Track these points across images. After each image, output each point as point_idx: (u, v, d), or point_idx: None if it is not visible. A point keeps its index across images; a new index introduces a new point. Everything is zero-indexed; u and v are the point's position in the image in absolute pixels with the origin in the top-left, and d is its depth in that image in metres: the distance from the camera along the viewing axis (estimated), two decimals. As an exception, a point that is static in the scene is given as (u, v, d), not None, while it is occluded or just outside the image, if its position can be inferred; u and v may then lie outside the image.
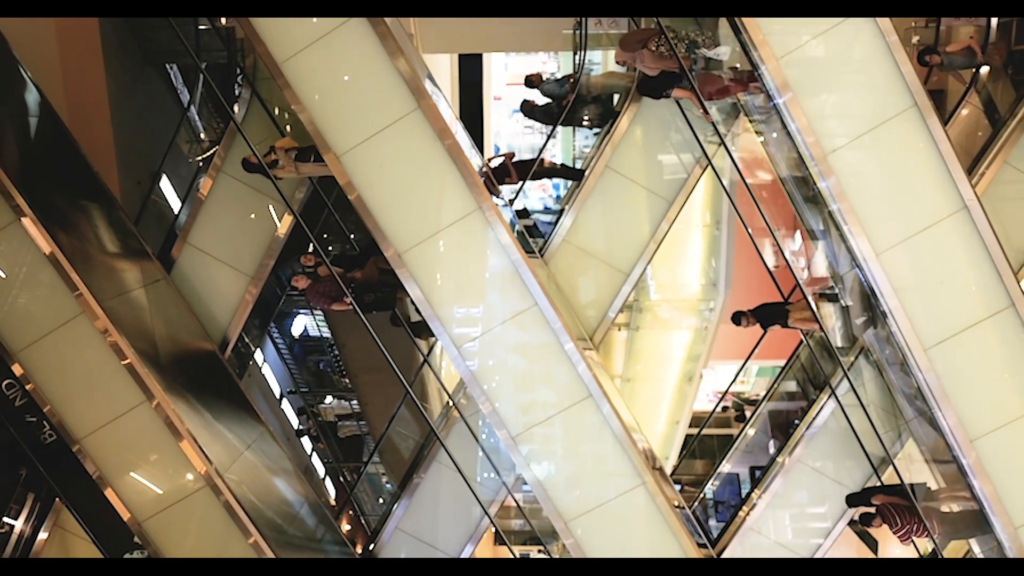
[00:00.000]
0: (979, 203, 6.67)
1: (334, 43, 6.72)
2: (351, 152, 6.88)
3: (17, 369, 6.99)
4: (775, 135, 7.33)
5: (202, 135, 10.80)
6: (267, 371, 13.27)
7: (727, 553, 8.44)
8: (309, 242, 8.56)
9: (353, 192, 6.92)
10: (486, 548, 13.62)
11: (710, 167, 7.89)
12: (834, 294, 8.04)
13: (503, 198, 8.07)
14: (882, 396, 8.08)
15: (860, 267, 6.82)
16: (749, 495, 8.88)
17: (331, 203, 8.19)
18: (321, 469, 13.65)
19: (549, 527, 7.82)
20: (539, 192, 14.23)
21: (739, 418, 13.18)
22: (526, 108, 8.81)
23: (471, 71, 13.44)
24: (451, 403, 8.41)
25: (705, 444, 11.52)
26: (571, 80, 8.26)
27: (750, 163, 7.99)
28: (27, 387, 7.01)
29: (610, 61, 12.43)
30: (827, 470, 8.39)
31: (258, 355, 11.93)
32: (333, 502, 11.91)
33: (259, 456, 8.21)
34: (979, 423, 7.06)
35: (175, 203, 9.58)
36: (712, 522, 9.67)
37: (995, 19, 7.50)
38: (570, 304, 8.17)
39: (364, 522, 9.70)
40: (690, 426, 12.00)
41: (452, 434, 8.41)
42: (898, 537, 7.57)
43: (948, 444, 7.11)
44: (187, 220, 8.13)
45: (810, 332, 8.20)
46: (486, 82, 13.89)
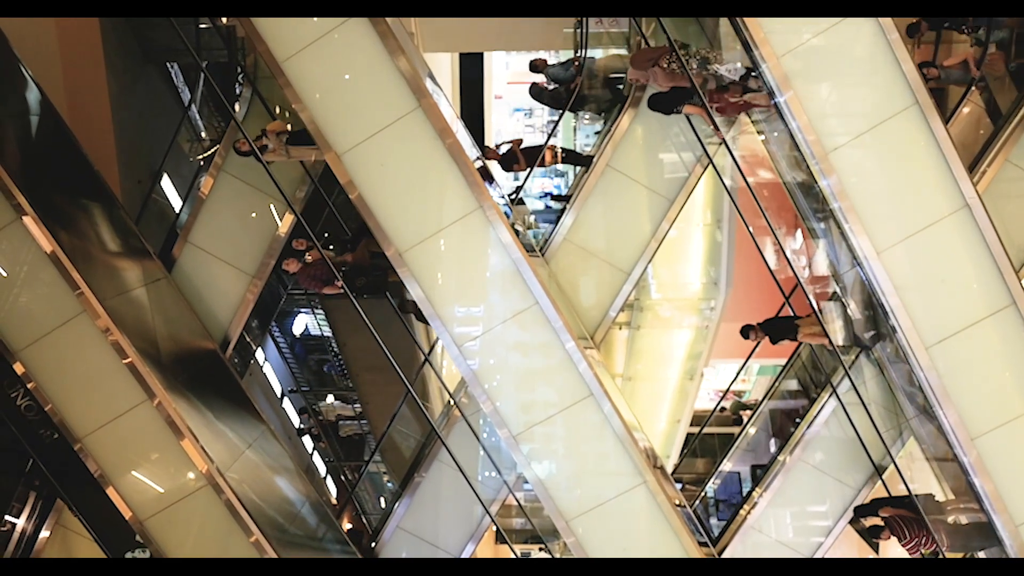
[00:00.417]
0: (980, 201, 6.66)
1: (335, 42, 6.72)
2: (352, 151, 6.88)
3: (19, 368, 6.99)
4: (776, 134, 7.33)
5: (203, 134, 10.81)
6: (268, 370, 13.28)
7: (728, 552, 8.44)
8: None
9: (354, 191, 6.92)
10: (487, 547, 13.63)
11: (711, 166, 7.88)
12: (835, 294, 8.04)
13: (503, 196, 8.07)
14: (883, 395, 8.07)
15: (861, 265, 6.82)
16: (750, 494, 8.88)
17: (332, 202, 8.19)
18: (322, 468, 13.67)
19: (550, 526, 7.82)
20: (539, 189, 14.24)
21: (736, 421, 13.17)
22: (535, 91, 8.77)
23: (472, 70, 13.45)
24: (452, 402, 8.41)
25: (706, 443, 11.52)
26: (576, 63, 8.24)
27: (751, 162, 7.99)
28: (29, 386, 7.01)
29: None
30: (828, 468, 8.38)
31: (259, 354, 11.95)
32: (334, 501, 11.92)
33: (260, 455, 8.22)
34: (980, 421, 7.06)
35: (176, 202, 9.59)
36: (713, 521, 9.67)
37: (994, 32, 7.50)
38: (571, 303, 8.17)
39: (365, 521, 9.71)
40: (691, 425, 12.00)
41: (453, 433, 8.41)
42: (907, 549, 7.54)
43: (949, 442, 7.11)
44: (188, 219, 8.13)
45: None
46: (487, 81, 13.89)
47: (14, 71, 7.43)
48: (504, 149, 8.26)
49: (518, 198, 8.62)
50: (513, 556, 9.79)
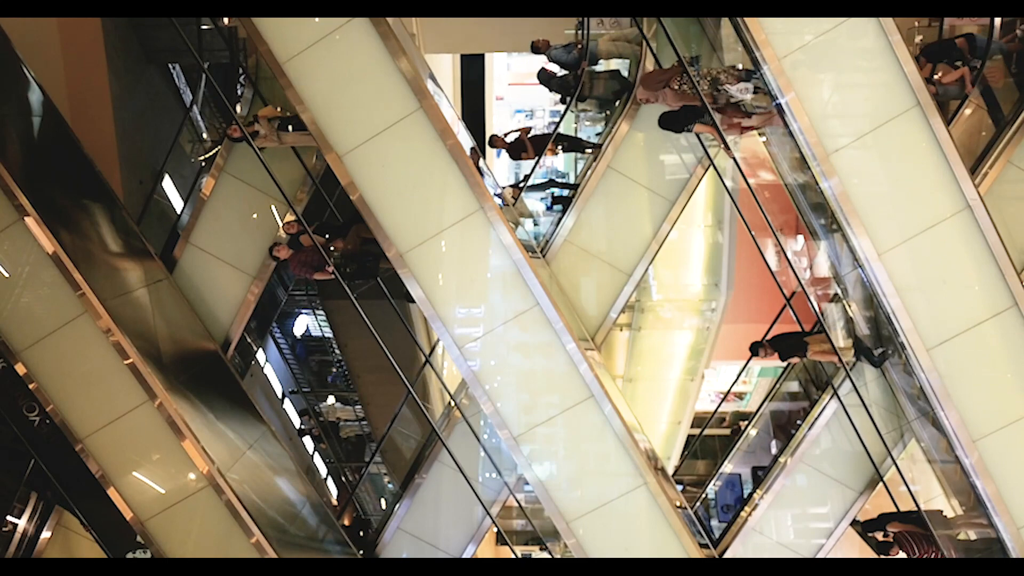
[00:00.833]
0: (982, 203, 6.66)
1: (336, 43, 6.72)
2: (353, 152, 6.89)
3: (20, 368, 7.00)
4: (777, 135, 7.32)
5: (204, 135, 10.82)
6: (269, 371, 13.29)
7: (729, 553, 8.43)
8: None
9: (355, 192, 6.92)
10: (488, 548, 13.63)
11: (712, 167, 7.88)
12: (837, 296, 8.04)
13: (503, 198, 8.06)
14: (884, 396, 8.06)
15: (862, 267, 6.81)
16: (751, 495, 8.87)
17: (333, 203, 8.20)
18: (323, 469, 13.68)
19: (551, 527, 7.82)
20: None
21: (735, 432, 13.09)
22: (543, 77, 8.69)
23: (473, 71, 13.45)
24: (453, 403, 8.41)
25: (707, 444, 11.52)
26: (578, 47, 8.19)
27: (752, 163, 7.98)
28: (30, 386, 7.02)
29: (612, 61, 12.42)
30: (829, 471, 8.37)
31: (260, 355, 11.95)
32: (335, 502, 11.93)
33: (261, 456, 8.22)
34: (982, 423, 7.05)
35: (177, 203, 9.60)
36: (714, 522, 9.65)
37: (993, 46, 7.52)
38: (572, 304, 8.17)
39: (366, 522, 9.71)
40: (692, 426, 11.99)
41: (454, 434, 8.41)
42: None
43: (951, 444, 7.10)
44: (189, 220, 8.14)
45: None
46: (488, 82, 13.90)
47: (16, 72, 7.44)
48: (512, 137, 8.21)
49: (525, 186, 8.60)
50: (514, 557, 9.78)
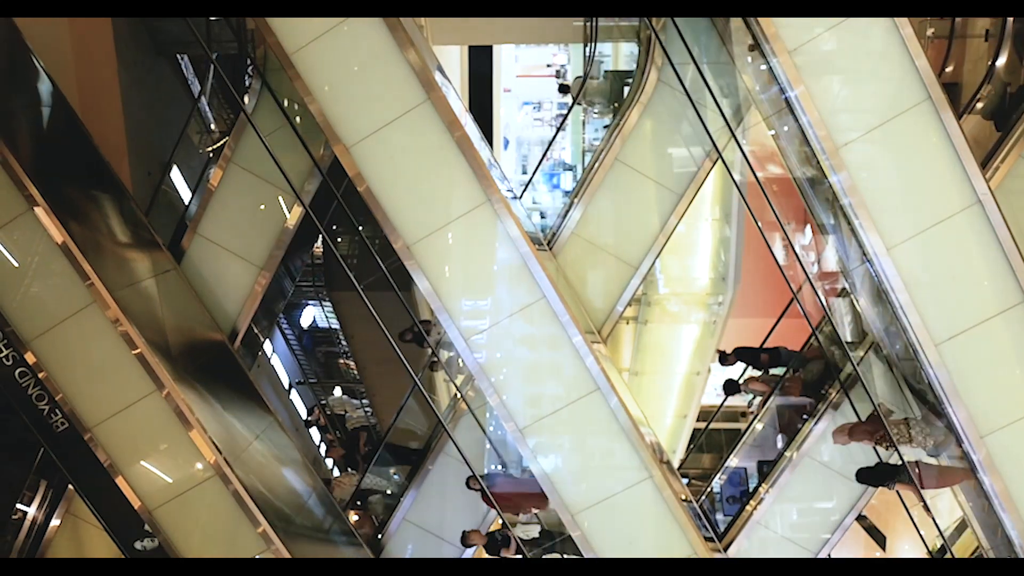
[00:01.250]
0: (992, 197, 6.61)
1: (344, 34, 6.72)
2: (361, 144, 6.89)
3: (30, 357, 7.04)
4: (786, 128, 7.29)
5: (213, 126, 10.84)
6: (276, 362, 13.34)
7: (734, 547, 8.44)
8: (318, 233, 8.59)
9: (362, 184, 6.93)
10: (493, 540, 13.66)
11: (720, 160, 7.85)
12: (844, 290, 8.01)
13: (511, 190, 8.06)
14: (892, 391, 8.04)
15: (871, 262, 6.78)
16: (756, 489, 8.87)
17: (340, 194, 8.20)
18: (329, 460, 13.72)
19: (556, 519, 7.84)
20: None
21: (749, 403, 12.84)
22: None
23: (481, 63, 13.44)
24: (459, 395, 8.42)
25: (713, 438, 11.51)
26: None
27: (761, 156, 7.95)
28: (39, 375, 7.06)
29: (621, 54, 12.39)
30: (835, 465, 8.36)
31: (267, 346, 11.99)
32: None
33: (268, 446, 8.26)
34: (990, 419, 7.02)
35: (185, 194, 9.62)
36: (719, 516, 9.66)
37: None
38: (578, 297, 8.16)
39: (371, 513, 9.75)
40: (698, 420, 11.98)
41: (459, 426, 8.43)
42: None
43: (958, 440, 7.08)
44: (197, 211, 8.15)
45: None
46: (496, 74, 13.88)
47: (26, 63, 7.47)
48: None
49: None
50: (512, 558, 9.81)
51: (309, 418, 12.00)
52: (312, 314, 13.93)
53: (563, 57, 15.65)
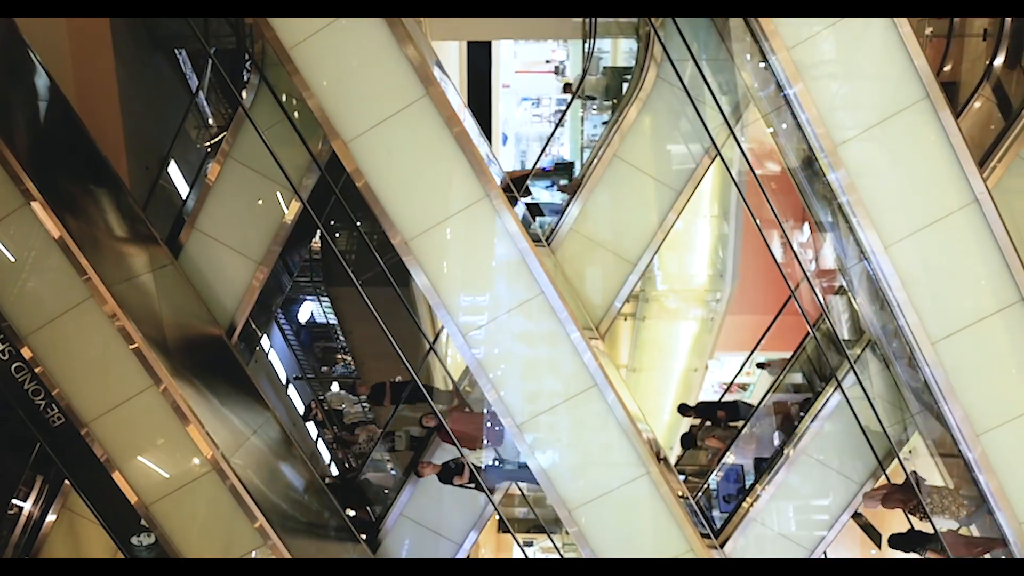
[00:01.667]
0: (990, 196, 6.62)
1: (343, 29, 6.70)
2: (359, 139, 6.87)
3: (26, 352, 7.03)
4: (784, 126, 7.29)
5: (210, 121, 10.82)
6: (273, 357, 13.32)
7: (730, 544, 8.46)
8: (316, 228, 8.58)
9: (361, 179, 6.92)
10: (490, 535, 13.71)
11: (719, 157, 7.85)
12: (842, 288, 8.01)
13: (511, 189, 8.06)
14: (888, 389, 8.06)
15: (868, 260, 6.79)
16: (753, 486, 8.89)
17: (339, 189, 8.19)
18: (327, 455, 13.72)
19: (553, 515, 7.85)
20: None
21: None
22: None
23: (480, 58, 13.42)
24: (456, 391, 8.42)
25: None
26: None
27: (759, 154, 7.95)
28: (36, 370, 7.05)
29: (620, 50, 12.38)
30: (831, 463, 8.38)
31: (265, 341, 11.98)
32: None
33: (265, 441, 8.26)
34: (986, 418, 7.04)
35: (183, 188, 9.60)
36: (715, 513, 9.68)
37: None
38: (576, 293, 8.17)
39: (369, 508, 9.76)
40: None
41: (457, 422, 8.42)
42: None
43: (954, 438, 7.09)
44: (195, 206, 8.14)
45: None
46: (495, 69, 13.86)
47: (23, 57, 7.44)
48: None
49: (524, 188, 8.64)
50: (516, 544, 9.84)
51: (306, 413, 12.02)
52: (310, 309, 13.92)
53: (562, 53, 15.64)
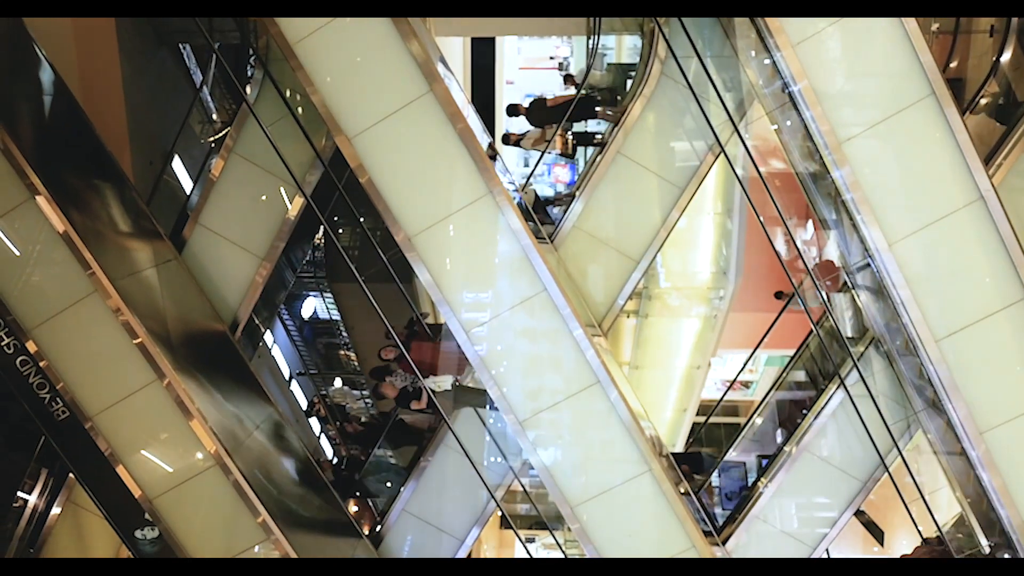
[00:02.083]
0: (995, 194, 6.60)
1: (347, 25, 6.70)
2: (363, 135, 6.88)
3: (31, 346, 7.06)
4: (789, 123, 7.27)
5: (214, 116, 10.83)
6: (277, 352, 13.36)
7: (732, 541, 8.46)
8: (319, 224, 8.59)
9: (364, 175, 6.92)
10: (492, 532, 13.73)
11: (723, 154, 7.83)
12: (846, 285, 8.00)
13: (512, 182, 8.05)
14: (892, 387, 8.04)
15: (872, 257, 6.78)
16: (755, 484, 8.89)
17: (342, 185, 8.19)
18: (329, 450, 13.77)
19: (555, 512, 7.86)
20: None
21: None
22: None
23: (484, 55, 13.40)
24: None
25: (712, 432, 11.53)
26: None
27: (763, 151, 7.94)
28: (41, 364, 7.08)
29: (624, 47, 12.35)
30: (834, 460, 8.37)
31: (268, 336, 12.01)
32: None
33: (268, 436, 8.28)
34: (989, 415, 7.03)
35: (187, 183, 9.62)
36: (718, 510, 9.69)
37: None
38: (579, 290, 8.16)
39: (371, 504, 9.79)
40: (697, 414, 12.01)
41: (460, 418, 8.44)
42: None
43: (957, 436, 7.08)
44: (199, 201, 8.15)
45: None
46: (498, 66, 13.85)
47: (28, 51, 7.45)
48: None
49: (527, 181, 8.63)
50: (518, 541, 9.86)
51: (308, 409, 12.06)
52: (313, 305, 13.95)
53: (566, 50, 15.61)
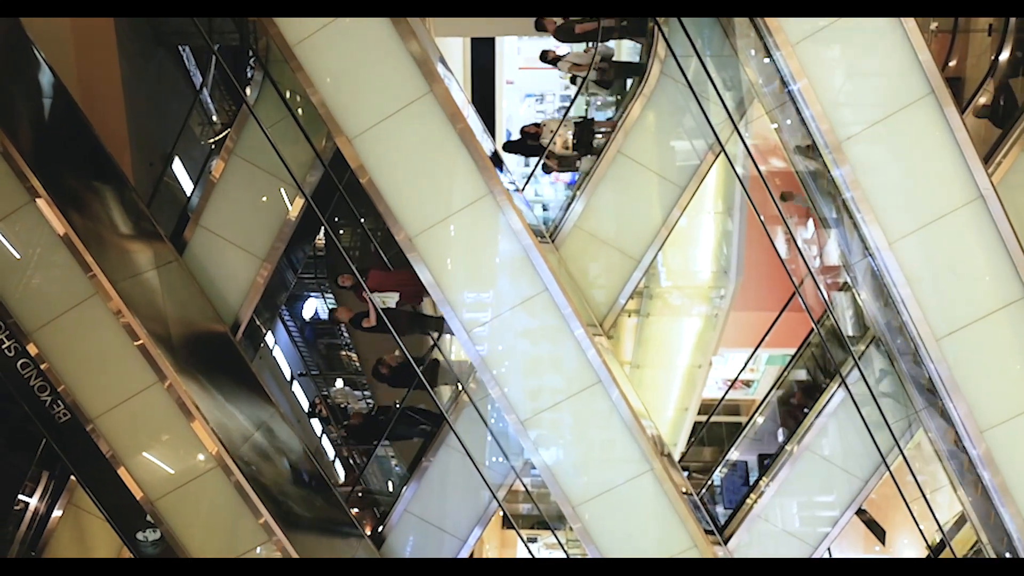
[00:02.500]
0: (995, 192, 6.60)
1: (347, 25, 6.70)
2: (363, 135, 6.88)
3: (32, 349, 7.06)
4: (789, 122, 7.28)
5: (214, 117, 10.83)
6: (278, 353, 13.35)
7: (734, 540, 8.46)
8: (320, 225, 8.59)
9: (365, 175, 6.93)
10: (494, 532, 13.74)
11: (723, 154, 7.84)
12: (846, 284, 8.00)
13: (513, 182, 8.05)
14: (892, 386, 8.04)
15: (872, 256, 6.78)
16: (757, 483, 8.89)
17: (343, 186, 8.19)
18: (331, 451, 13.76)
19: (557, 512, 7.86)
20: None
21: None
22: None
23: (483, 55, 13.40)
24: (460, 387, 8.43)
25: (713, 431, 11.53)
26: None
27: (763, 150, 7.94)
28: (42, 366, 7.08)
29: (623, 47, 12.35)
30: (836, 459, 8.38)
31: (269, 337, 12.00)
32: (342, 483, 11.99)
33: (270, 438, 8.28)
34: (990, 414, 7.03)
35: (187, 185, 9.61)
36: (719, 509, 9.70)
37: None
38: (580, 290, 8.16)
39: (373, 506, 9.78)
40: (699, 413, 12.00)
41: (461, 418, 8.45)
42: None
43: (958, 435, 7.09)
44: (199, 202, 8.15)
45: None
46: (498, 66, 13.84)
47: (27, 53, 7.45)
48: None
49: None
50: (520, 541, 9.86)
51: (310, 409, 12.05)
52: (314, 306, 13.94)
53: (565, 49, 15.61)
